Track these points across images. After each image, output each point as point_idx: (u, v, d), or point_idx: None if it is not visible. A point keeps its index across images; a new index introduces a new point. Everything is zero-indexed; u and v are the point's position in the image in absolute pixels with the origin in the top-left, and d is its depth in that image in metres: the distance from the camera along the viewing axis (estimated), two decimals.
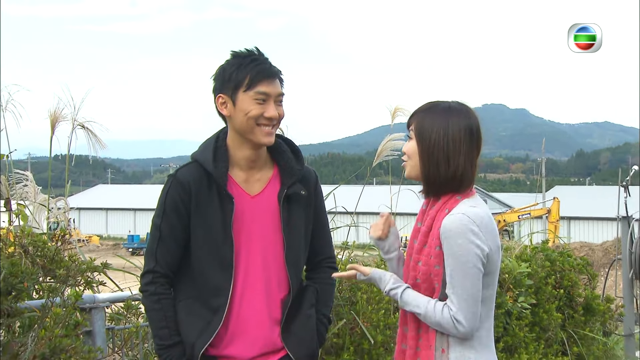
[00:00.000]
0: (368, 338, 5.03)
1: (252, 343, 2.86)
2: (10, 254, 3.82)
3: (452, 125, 2.77)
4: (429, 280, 2.72)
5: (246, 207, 2.88)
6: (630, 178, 8.91)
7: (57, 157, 4.77)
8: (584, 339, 7.45)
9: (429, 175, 2.78)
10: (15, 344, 3.48)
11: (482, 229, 2.68)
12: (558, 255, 7.61)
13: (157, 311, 2.83)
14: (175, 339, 2.82)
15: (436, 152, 2.75)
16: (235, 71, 2.83)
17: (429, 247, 2.74)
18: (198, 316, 2.83)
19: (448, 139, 2.75)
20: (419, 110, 2.86)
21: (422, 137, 2.79)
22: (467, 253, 2.65)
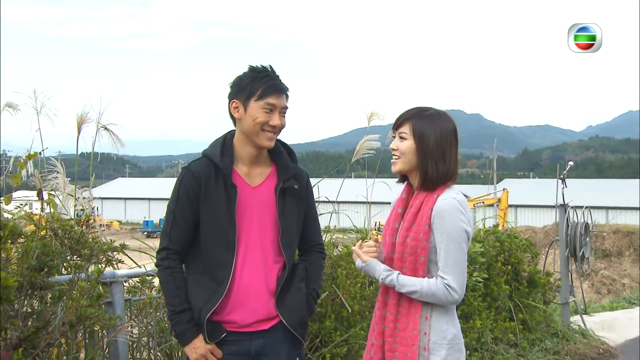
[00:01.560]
0: (346, 307, 5.04)
1: (251, 311, 2.86)
2: (43, 236, 3.81)
3: (444, 128, 2.82)
4: (415, 253, 2.74)
5: (247, 196, 2.90)
6: (567, 172, 8.96)
7: (82, 154, 4.75)
8: (527, 307, 7.49)
9: (428, 171, 2.80)
10: (47, 312, 3.47)
11: (466, 213, 2.75)
12: (506, 237, 7.66)
13: (170, 282, 2.85)
14: (185, 305, 2.82)
15: (435, 152, 2.79)
16: (250, 82, 2.86)
17: (418, 225, 2.75)
18: (205, 287, 2.84)
19: (444, 141, 2.80)
20: (410, 115, 2.86)
21: (421, 139, 2.80)
22: (458, 230, 2.70)
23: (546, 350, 7.22)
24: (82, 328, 3.80)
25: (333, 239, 5.72)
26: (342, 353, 5.01)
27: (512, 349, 6.91)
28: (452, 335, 2.74)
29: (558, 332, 7.73)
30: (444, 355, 2.70)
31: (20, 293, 3.44)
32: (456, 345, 2.75)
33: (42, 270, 3.53)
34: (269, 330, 2.88)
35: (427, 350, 2.69)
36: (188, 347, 2.82)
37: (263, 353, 2.88)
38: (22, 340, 3.35)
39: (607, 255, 25.76)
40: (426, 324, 2.71)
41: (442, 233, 2.69)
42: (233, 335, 2.84)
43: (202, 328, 2.81)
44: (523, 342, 7.09)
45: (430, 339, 2.70)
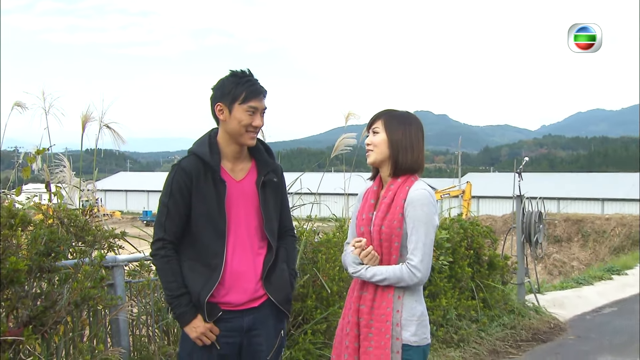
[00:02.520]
0: (326, 288, 5.05)
1: (243, 292, 2.87)
2: (50, 224, 3.79)
3: (412, 125, 2.87)
4: (390, 239, 2.75)
5: (234, 189, 2.89)
6: (523, 167, 9.02)
7: (87, 150, 4.72)
8: (487, 287, 7.55)
9: (398, 160, 2.84)
10: (55, 293, 3.46)
11: (435, 204, 2.79)
12: (469, 225, 7.69)
13: (167, 270, 2.84)
14: (182, 290, 2.81)
15: (404, 143, 2.83)
16: (234, 87, 2.84)
17: (392, 214, 2.77)
18: (199, 273, 2.83)
19: (412, 134, 2.85)
20: (382, 113, 2.91)
21: (392, 132, 2.85)
22: (428, 218, 2.74)
23: (504, 325, 7.28)
24: (87, 307, 3.78)
25: (314, 227, 5.73)
26: (322, 329, 5.02)
27: (474, 324, 6.95)
28: (420, 313, 2.77)
29: (514, 309, 7.79)
30: (414, 330, 2.73)
31: (29, 276, 3.43)
32: (423, 322, 2.79)
33: (50, 255, 3.51)
34: (258, 307, 2.89)
35: (399, 326, 2.71)
36: (188, 327, 2.82)
37: (253, 327, 2.88)
38: (32, 318, 3.34)
39: (558, 240, 26.05)
40: (399, 302, 2.74)
41: (414, 220, 2.72)
42: (227, 314, 2.84)
43: (202, 309, 2.80)
44: (483, 318, 7.14)
45: (402, 316, 2.73)
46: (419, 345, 2.74)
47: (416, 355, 2.74)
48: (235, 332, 2.86)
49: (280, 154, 3.16)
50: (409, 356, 2.72)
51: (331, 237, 5.53)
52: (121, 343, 4.02)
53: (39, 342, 3.46)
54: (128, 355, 4.09)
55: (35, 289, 3.54)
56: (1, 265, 3.08)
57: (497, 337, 6.94)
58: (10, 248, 3.35)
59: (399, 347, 2.70)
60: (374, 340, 2.73)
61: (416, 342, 2.73)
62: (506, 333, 7.12)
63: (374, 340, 2.73)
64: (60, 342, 3.69)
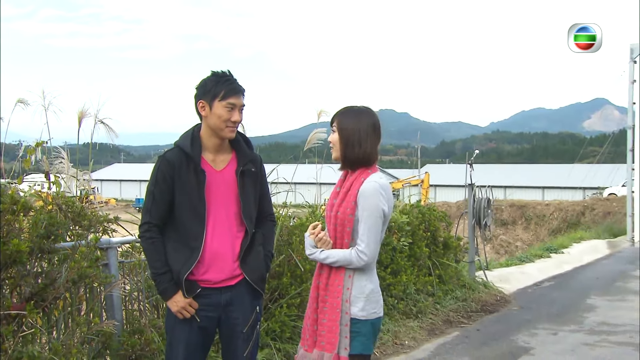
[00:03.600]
0: (300, 267, 5.06)
1: (220, 271, 2.84)
2: (49, 210, 3.75)
3: (362, 122, 2.80)
4: (343, 224, 2.74)
5: (214, 178, 2.87)
6: (474, 159, 9.09)
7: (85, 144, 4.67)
8: (442, 265, 7.60)
9: (346, 154, 2.80)
10: (54, 272, 3.44)
11: (385, 194, 2.74)
12: (427, 210, 7.73)
13: (152, 250, 2.82)
14: (165, 268, 2.80)
15: (351, 139, 2.78)
16: (214, 86, 2.82)
17: (346, 202, 2.75)
18: (181, 253, 2.81)
19: (360, 131, 2.78)
20: (339, 112, 2.87)
21: (342, 129, 2.80)
22: (376, 209, 2.70)
23: (456, 298, 7.35)
24: (83, 285, 3.75)
25: (289, 212, 5.73)
26: (296, 303, 5.03)
27: (430, 297, 7.01)
28: (369, 290, 2.76)
29: (466, 284, 7.87)
30: (362, 306, 2.72)
31: (31, 256, 3.41)
32: (372, 298, 2.77)
33: (49, 237, 3.49)
34: (234, 285, 2.87)
35: (348, 302, 2.71)
36: (170, 301, 2.80)
37: (230, 304, 2.87)
38: (33, 294, 3.31)
39: (504, 223, 26.37)
40: (349, 281, 2.73)
41: (363, 210, 2.70)
42: (206, 290, 2.83)
43: (181, 286, 2.79)
44: (439, 292, 7.21)
45: (352, 293, 2.72)
46: (367, 319, 2.73)
47: (364, 327, 2.73)
48: (214, 307, 2.85)
49: (259, 148, 3.16)
50: (357, 328, 2.71)
51: (304, 221, 5.53)
52: (115, 316, 4.00)
53: (40, 316, 3.43)
54: (121, 327, 4.06)
55: (36, 268, 3.51)
56: (5, 247, 3.04)
57: (451, 309, 7.01)
58: (13, 231, 3.32)
59: (347, 320, 2.70)
60: (327, 313, 2.73)
61: (364, 317, 2.72)
62: (458, 305, 7.18)
63: (327, 313, 2.73)
64: (59, 316, 3.65)
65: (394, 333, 5.90)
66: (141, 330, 4.03)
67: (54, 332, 3.65)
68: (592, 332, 6.45)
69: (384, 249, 6.37)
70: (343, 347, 2.70)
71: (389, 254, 6.47)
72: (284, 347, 4.81)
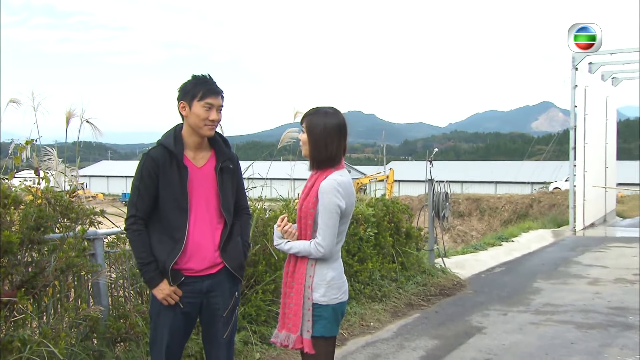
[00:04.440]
0: (274, 255, 5.05)
1: (202, 260, 2.82)
2: (39, 204, 3.69)
3: (328, 124, 2.75)
4: (306, 217, 2.74)
5: (195, 174, 2.84)
6: (433, 156, 9.16)
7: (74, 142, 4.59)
8: (405, 253, 7.65)
9: (314, 156, 2.77)
10: (43, 261, 3.41)
11: (342, 191, 2.71)
12: (391, 203, 7.76)
13: (138, 241, 2.79)
14: (151, 258, 2.77)
15: (319, 141, 2.74)
16: (193, 87, 2.80)
17: (309, 197, 2.74)
18: (165, 244, 2.78)
19: (326, 132, 2.74)
20: (307, 113, 2.83)
21: (310, 132, 2.77)
22: (333, 205, 2.68)
23: (417, 283, 7.39)
24: (71, 273, 3.70)
25: (264, 205, 5.71)
26: (271, 289, 5.02)
27: (394, 283, 7.04)
28: (330, 278, 2.74)
29: (426, 270, 7.91)
30: (323, 292, 2.72)
31: (21, 247, 3.37)
32: (334, 284, 2.76)
33: (39, 229, 3.44)
34: (215, 273, 2.85)
35: (310, 289, 2.71)
36: (155, 289, 2.78)
37: (211, 290, 2.85)
38: (24, 282, 3.27)
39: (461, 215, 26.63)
40: (312, 269, 2.73)
41: (321, 205, 2.70)
42: (189, 278, 2.81)
43: (167, 275, 2.77)
44: (401, 278, 7.25)
45: (314, 280, 2.72)
46: (328, 304, 2.72)
47: (325, 312, 2.72)
48: (196, 294, 2.83)
49: (236, 146, 3.13)
50: (319, 313, 2.71)
51: (278, 213, 5.51)
52: (101, 302, 3.96)
53: (31, 302, 3.39)
54: (107, 312, 4.02)
55: (26, 258, 3.46)
56: None
57: (412, 293, 7.04)
58: (4, 223, 3.28)
59: (309, 305, 2.70)
60: (293, 298, 2.74)
61: (325, 302, 2.72)
62: (419, 289, 7.22)
63: (293, 298, 2.74)
64: (49, 302, 3.60)
65: (360, 315, 5.93)
66: (126, 315, 3.99)
67: (44, 317, 3.61)
68: (538, 313, 6.55)
69: (351, 238, 6.39)
70: (305, 329, 2.71)
71: (356, 243, 6.49)
72: (259, 330, 4.80)
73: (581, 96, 16.46)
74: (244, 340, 4.62)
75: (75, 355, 3.58)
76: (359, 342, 5.29)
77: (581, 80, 16.51)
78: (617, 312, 6.58)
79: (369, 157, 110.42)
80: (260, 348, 4.63)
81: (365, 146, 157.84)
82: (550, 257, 11.29)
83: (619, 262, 10.42)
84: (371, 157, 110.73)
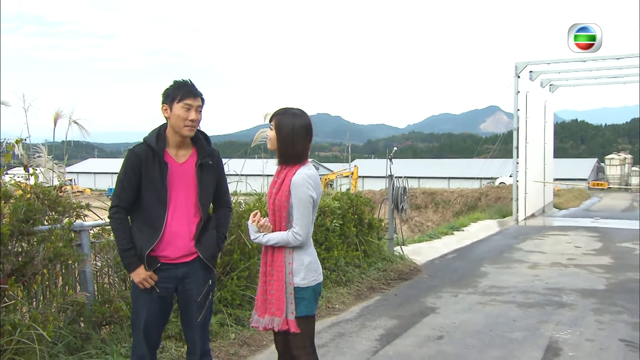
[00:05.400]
0: (248, 245, 5.04)
1: (178, 249, 2.80)
2: (28, 198, 3.61)
3: (296, 124, 2.75)
4: (280, 210, 2.74)
5: (175, 170, 2.81)
6: (393, 154, 9.24)
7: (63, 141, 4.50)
8: (367, 242, 7.70)
9: (282, 152, 2.76)
10: (32, 251, 3.36)
11: (313, 183, 2.72)
12: (355, 197, 7.81)
13: (120, 229, 2.76)
14: (130, 245, 2.75)
15: (287, 140, 2.74)
16: (173, 90, 2.77)
17: (282, 191, 2.73)
18: (145, 233, 2.76)
19: (294, 132, 2.74)
20: (276, 113, 2.80)
21: (279, 130, 2.75)
22: (306, 196, 2.69)
23: (378, 269, 7.45)
24: (59, 262, 3.65)
25: (239, 199, 5.69)
26: (245, 275, 5.02)
27: (357, 269, 7.09)
28: (307, 262, 2.76)
29: (386, 257, 7.97)
30: (303, 276, 2.73)
31: (12, 238, 3.31)
32: (311, 268, 2.77)
33: (28, 222, 3.39)
34: (189, 261, 2.83)
35: (291, 274, 2.72)
36: (133, 273, 2.76)
37: (186, 277, 2.84)
38: (14, 270, 3.21)
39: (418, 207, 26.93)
40: (290, 256, 2.73)
41: (295, 197, 2.70)
42: (165, 265, 2.79)
43: (143, 260, 2.75)
44: (364, 264, 7.30)
45: (293, 266, 2.72)
46: (308, 286, 2.74)
47: (306, 293, 2.74)
48: (172, 279, 2.81)
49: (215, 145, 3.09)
50: (301, 295, 2.73)
51: (252, 206, 5.51)
52: (87, 289, 3.91)
53: (21, 289, 3.34)
54: (93, 298, 3.97)
55: (16, 248, 3.41)
56: None
57: (374, 278, 7.10)
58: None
59: (291, 289, 2.71)
60: (275, 285, 2.73)
61: (305, 284, 2.73)
62: (380, 274, 7.28)
63: (275, 285, 2.73)
64: (38, 289, 3.55)
65: (326, 299, 5.97)
66: (110, 300, 3.95)
67: (33, 302, 3.54)
68: (484, 294, 6.69)
69: (319, 229, 6.42)
70: (290, 311, 2.71)
71: (323, 233, 6.53)
72: (234, 312, 4.80)
73: (523, 101, 16.83)
74: (220, 322, 4.61)
75: (63, 337, 3.54)
76: (326, 323, 5.33)
77: (523, 86, 16.88)
78: (553, 292, 6.78)
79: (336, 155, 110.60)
80: (235, 329, 4.63)
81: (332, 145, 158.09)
82: (496, 244, 11.51)
83: (555, 249, 10.72)
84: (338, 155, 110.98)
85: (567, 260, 9.33)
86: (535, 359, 4.36)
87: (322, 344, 4.64)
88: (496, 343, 4.76)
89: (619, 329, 5.23)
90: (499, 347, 4.66)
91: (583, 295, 6.65)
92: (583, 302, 6.30)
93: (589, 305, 6.15)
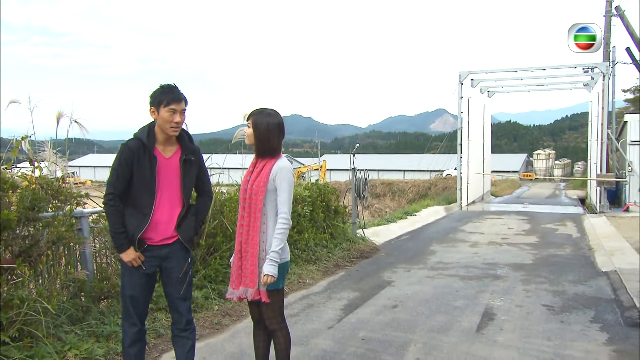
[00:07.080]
0: (229, 229, 5.03)
1: (161, 233, 2.79)
2: (33, 188, 3.53)
3: (270, 123, 2.75)
4: (257, 194, 2.71)
5: (162, 164, 2.79)
6: (356, 150, 9.29)
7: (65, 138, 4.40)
8: (333, 225, 7.75)
9: (259, 147, 2.76)
10: (38, 235, 3.30)
11: (292, 172, 2.73)
12: (323, 187, 7.84)
13: (113, 214, 2.73)
14: (122, 229, 2.72)
15: (262, 136, 2.73)
16: (160, 95, 2.74)
17: (260, 178, 2.71)
18: (135, 218, 2.74)
19: (269, 130, 2.74)
20: (253, 113, 2.80)
21: (256, 128, 2.75)
22: (290, 180, 2.69)
23: (343, 248, 7.51)
24: (62, 244, 3.59)
25: (221, 189, 5.68)
26: (227, 255, 5.01)
27: (325, 249, 7.14)
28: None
29: (350, 239, 8.05)
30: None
31: (19, 223, 3.25)
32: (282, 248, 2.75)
33: (33, 209, 3.32)
34: (171, 243, 2.82)
35: (264, 251, 2.71)
36: (124, 254, 2.74)
37: (168, 256, 2.83)
38: (21, 252, 3.16)
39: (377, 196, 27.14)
40: (263, 236, 2.71)
41: (282, 181, 2.68)
42: (151, 246, 2.79)
43: (134, 242, 2.74)
44: (330, 245, 7.36)
45: (266, 245, 2.71)
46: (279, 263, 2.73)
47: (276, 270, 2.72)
48: (156, 258, 2.81)
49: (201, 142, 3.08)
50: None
51: (233, 196, 5.51)
52: (87, 268, 3.87)
53: (28, 268, 3.28)
54: (92, 275, 3.93)
55: (23, 232, 3.34)
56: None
57: (339, 256, 7.16)
58: (3, 205, 3.15)
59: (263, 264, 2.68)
60: (249, 259, 2.73)
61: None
62: (344, 253, 7.34)
63: (249, 259, 2.73)
64: (43, 268, 3.49)
65: (298, 275, 6.02)
66: (108, 278, 3.92)
67: (39, 280, 3.49)
68: (432, 269, 6.83)
69: (292, 215, 6.45)
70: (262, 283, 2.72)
71: (295, 218, 6.56)
72: (217, 287, 4.81)
73: (465, 105, 17.19)
74: (205, 296, 4.62)
75: (66, 310, 3.50)
76: (297, 295, 5.38)
77: (465, 92, 17.23)
78: (490, 267, 6.98)
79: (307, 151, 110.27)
80: (218, 302, 4.64)
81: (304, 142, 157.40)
82: (443, 227, 11.69)
83: (492, 230, 11.00)
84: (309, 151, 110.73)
85: (501, 239, 9.59)
86: (474, 323, 4.49)
87: (294, 314, 4.69)
88: (442, 310, 4.88)
89: (542, 296, 5.44)
90: (444, 313, 4.78)
91: (514, 268, 6.87)
92: (514, 274, 6.51)
93: (518, 277, 6.36)
